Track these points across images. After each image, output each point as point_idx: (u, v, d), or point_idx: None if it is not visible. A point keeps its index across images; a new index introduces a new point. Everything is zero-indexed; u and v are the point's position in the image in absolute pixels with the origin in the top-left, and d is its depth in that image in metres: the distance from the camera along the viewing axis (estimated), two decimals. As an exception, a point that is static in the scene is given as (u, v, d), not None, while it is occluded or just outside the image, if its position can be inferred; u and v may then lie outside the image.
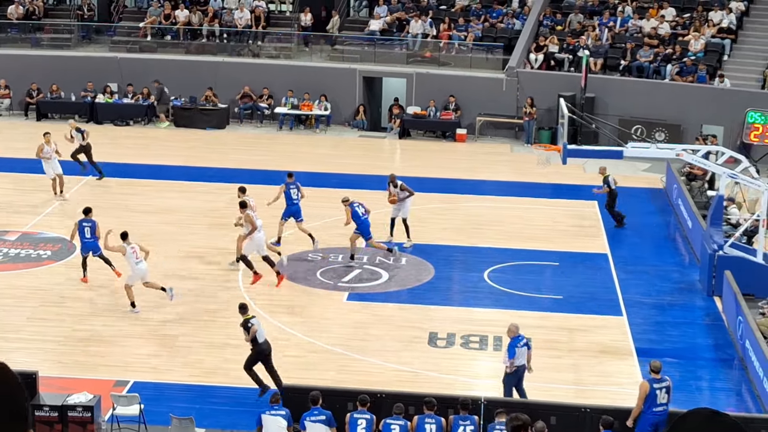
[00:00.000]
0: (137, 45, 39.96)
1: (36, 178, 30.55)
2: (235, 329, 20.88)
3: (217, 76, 37.91)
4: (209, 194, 29.70)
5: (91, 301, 22.37)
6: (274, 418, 15.95)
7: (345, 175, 32.00)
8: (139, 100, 37.76)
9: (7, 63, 38.54)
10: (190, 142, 35.50)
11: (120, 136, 35.98)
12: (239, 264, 23.98)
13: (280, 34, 40.20)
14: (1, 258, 24.56)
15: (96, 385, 17.97)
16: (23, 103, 38.14)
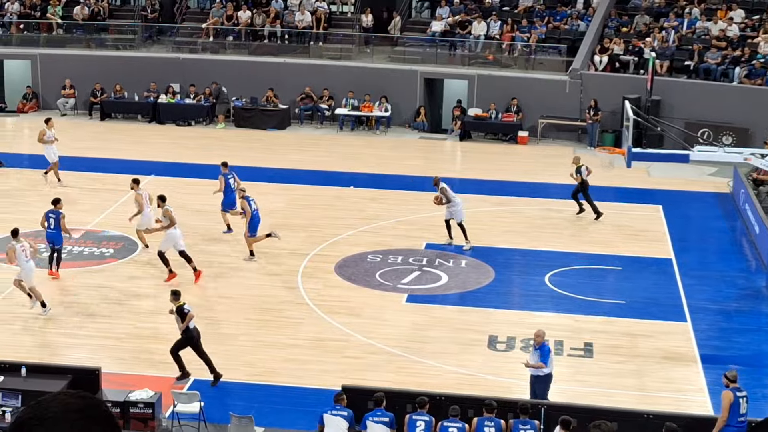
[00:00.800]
0: (199, 46, 40.18)
1: (100, 176, 30.86)
2: (295, 329, 20.95)
3: (278, 77, 37.99)
4: (270, 195, 29.70)
5: (153, 299, 22.46)
6: (335, 418, 15.88)
7: (405, 176, 31.91)
8: (201, 101, 37.94)
9: (72, 63, 38.93)
10: (251, 142, 35.60)
11: (181, 136, 36.18)
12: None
13: (341, 35, 40.21)
14: (65, 255, 24.69)
15: (157, 382, 18.03)
16: (87, 103, 38.52)
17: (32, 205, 27.25)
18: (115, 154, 33.36)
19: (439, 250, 25.74)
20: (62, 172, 30.92)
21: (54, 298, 22.30)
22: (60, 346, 20.18)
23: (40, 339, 20.38)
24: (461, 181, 32.04)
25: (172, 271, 23.44)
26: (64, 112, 38.44)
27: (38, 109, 38.94)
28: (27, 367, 17.71)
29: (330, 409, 16.07)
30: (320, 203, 29.12)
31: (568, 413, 15.69)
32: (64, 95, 38.66)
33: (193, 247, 25.33)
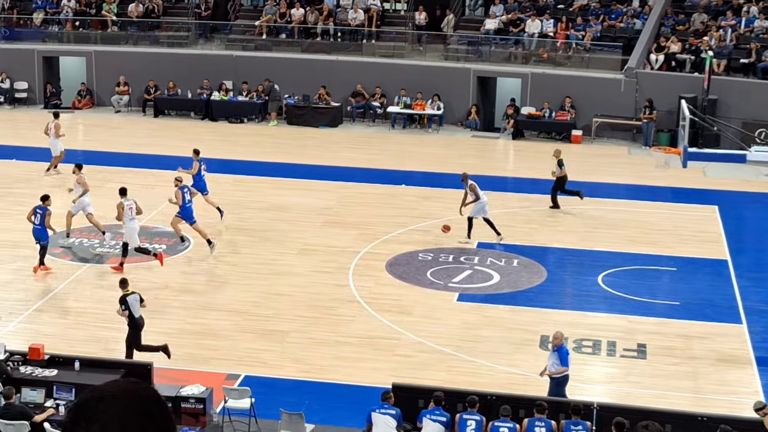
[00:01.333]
0: (252, 43, 40.29)
1: (153, 173, 30.99)
2: (346, 327, 20.91)
3: (331, 75, 38.00)
4: (322, 192, 29.76)
5: (204, 295, 22.52)
6: (384, 416, 15.81)
7: (457, 175, 31.68)
8: (253, 98, 38.04)
9: (126, 60, 39.20)
10: (303, 140, 35.64)
11: (234, 134, 36.30)
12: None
13: (393, 33, 40.13)
14: (117, 251, 24.86)
15: (208, 378, 18.07)
16: (141, 100, 38.75)
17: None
18: (168, 150, 33.51)
19: (491, 248, 25.59)
20: (118, 168, 31.17)
21: (106, 293, 22.42)
22: (112, 340, 20.24)
23: (92, 333, 20.49)
24: (514, 179, 31.90)
25: (155, 254, 23.81)
26: (118, 109, 38.71)
27: (93, 106, 39.27)
28: (80, 361, 17.82)
29: (378, 408, 16.00)
30: (372, 201, 29.08)
31: (620, 414, 15.51)
32: (118, 92, 38.93)
33: (246, 245, 25.41)
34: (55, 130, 30.72)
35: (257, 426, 17.01)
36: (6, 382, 16.74)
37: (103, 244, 25.27)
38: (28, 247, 24.63)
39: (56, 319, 21.18)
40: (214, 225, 26.41)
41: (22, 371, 17.58)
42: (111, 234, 25.27)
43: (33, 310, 21.54)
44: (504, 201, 29.18)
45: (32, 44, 40.11)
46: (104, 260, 24.35)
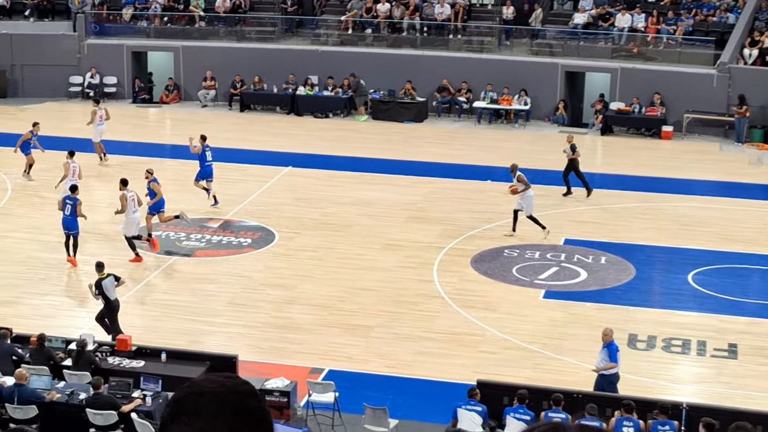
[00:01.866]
0: (338, 38, 40.33)
1: (239, 167, 31.19)
2: (431, 323, 20.78)
3: (416, 70, 37.86)
4: (406, 187, 29.66)
5: (289, 289, 22.55)
6: (469, 413, 15.67)
7: (544, 171, 31.42)
8: (339, 93, 38.07)
9: (213, 55, 39.49)
10: (389, 135, 35.57)
11: (319, 128, 36.36)
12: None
13: (480, 28, 39.86)
14: (204, 244, 25.07)
15: (292, 372, 18.08)
16: (227, 95, 39.02)
17: (173, 193, 27.71)
18: (253, 145, 33.72)
19: (577, 245, 25.26)
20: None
21: (194, 286, 22.61)
22: (198, 332, 20.40)
23: (179, 325, 20.64)
24: (602, 176, 31.47)
25: (138, 254, 23.95)
26: (205, 104, 39.01)
27: (180, 101, 39.62)
28: (167, 353, 17.95)
29: (464, 404, 15.87)
30: (457, 197, 28.91)
31: (709, 415, 15.18)
32: (205, 87, 39.24)
33: (331, 239, 25.41)
34: (91, 117, 31.49)
35: (341, 420, 16.98)
36: (94, 373, 16.93)
37: (189, 237, 25.43)
38: (117, 239, 24.93)
39: (144, 311, 21.39)
40: (289, 219, 26.47)
41: (110, 362, 17.78)
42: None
43: (121, 302, 21.71)
44: (591, 198, 28.79)
45: (121, 40, 40.61)
46: (192, 253, 24.51)
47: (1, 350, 17.58)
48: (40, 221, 26.27)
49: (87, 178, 27.73)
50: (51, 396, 16.24)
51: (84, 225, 24.05)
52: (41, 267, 23.53)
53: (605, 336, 17.56)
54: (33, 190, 28.57)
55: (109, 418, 15.86)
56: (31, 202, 27.77)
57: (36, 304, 21.61)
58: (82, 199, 24.09)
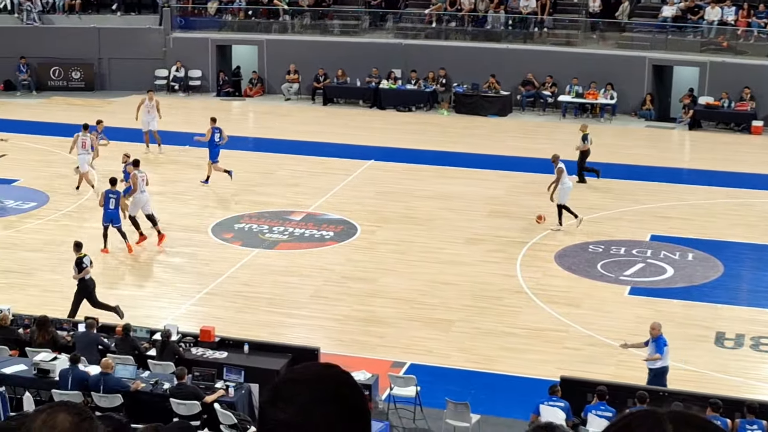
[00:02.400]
0: (422, 31, 40.20)
1: (322, 160, 31.24)
2: (514, 318, 20.60)
3: (501, 63, 37.58)
4: (489, 181, 29.47)
5: (372, 282, 22.51)
6: (552, 409, 15.49)
7: (630, 166, 31.04)
8: (422, 87, 37.95)
9: (297, 49, 39.61)
10: (472, 128, 35.36)
11: (402, 122, 36.27)
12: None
13: (566, 21, 39.44)
14: (287, 237, 25.14)
15: (374, 365, 18.02)
16: (311, 88, 39.12)
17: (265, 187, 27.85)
18: (336, 138, 33.74)
19: (663, 242, 24.85)
20: (286, 155, 31.57)
21: (277, 278, 22.68)
22: (280, 324, 20.46)
23: (261, 317, 20.72)
24: (689, 171, 30.99)
25: (142, 234, 24.20)
26: (288, 97, 39.16)
27: (263, 94, 39.82)
28: (249, 345, 18.02)
29: (546, 400, 15.70)
30: (541, 191, 28.55)
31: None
32: (289, 80, 39.38)
33: (413, 233, 25.33)
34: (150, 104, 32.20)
35: (422, 414, 16.91)
36: (178, 363, 17.05)
37: (272, 230, 25.53)
38: (202, 232, 25.15)
39: (227, 302, 21.49)
40: (371, 212, 26.42)
41: (194, 352, 17.90)
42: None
43: (204, 293, 21.92)
44: (678, 194, 28.35)
45: (206, 33, 40.95)
46: (274, 246, 24.60)
47: (88, 340, 17.81)
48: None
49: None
50: (136, 385, 16.40)
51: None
52: (127, 257, 23.78)
53: (653, 330, 17.39)
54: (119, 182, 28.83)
55: (193, 408, 15.96)
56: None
57: (121, 294, 21.84)
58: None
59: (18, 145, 31.63)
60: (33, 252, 24.19)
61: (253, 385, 16.84)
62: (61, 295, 21.64)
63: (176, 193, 27.75)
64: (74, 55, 39.83)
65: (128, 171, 25.01)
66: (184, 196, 27.55)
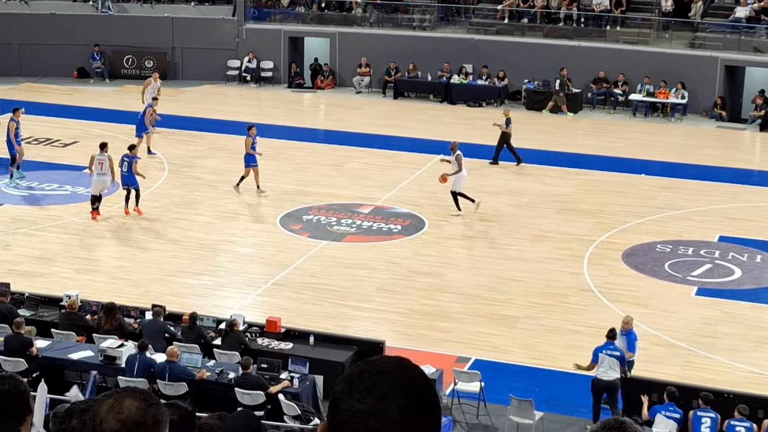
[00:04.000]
0: (494, 27, 40.09)
1: (391, 154, 31.31)
2: (579, 316, 20.52)
3: (572, 61, 37.37)
4: (558, 179, 29.35)
5: (438, 277, 22.55)
6: (667, 420, 15.39)
7: (700, 166, 30.73)
8: (493, 82, 37.86)
9: (369, 42, 39.70)
10: (542, 125, 35.21)
11: (472, 117, 36.20)
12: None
13: (639, 20, 39.10)
14: (354, 230, 25.26)
15: (438, 359, 18.07)
16: (382, 81, 39.21)
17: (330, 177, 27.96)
18: (406, 132, 33.79)
19: (732, 243, 24.60)
20: (356, 148, 31.68)
21: (343, 271, 22.80)
22: (346, 317, 20.58)
23: (328, 309, 20.84)
24: (759, 172, 30.64)
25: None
26: (359, 90, 39.28)
27: (334, 86, 39.98)
28: (315, 336, 18.15)
29: (664, 410, 15.63)
30: (609, 189, 28.48)
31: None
32: (360, 73, 39.50)
33: (480, 229, 25.32)
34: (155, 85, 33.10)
35: (486, 410, 16.94)
36: (244, 353, 17.22)
37: (340, 222, 25.66)
38: (270, 222, 25.36)
39: (293, 293, 21.65)
40: (439, 207, 26.45)
41: (260, 343, 18.05)
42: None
43: (271, 284, 22.11)
44: (748, 195, 28.04)
45: (279, 25, 41.20)
46: (342, 238, 24.73)
47: (154, 327, 18.03)
48: (196, 201, 26.87)
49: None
50: (201, 374, 16.57)
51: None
52: (195, 247, 24.06)
53: (625, 324, 17.42)
54: (189, 170, 29.19)
55: (257, 398, 16.10)
56: (186, 182, 28.39)
57: (189, 283, 22.11)
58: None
59: (90, 132, 32.12)
60: (101, 239, 24.58)
61: (317, 377, 16.95)
62: (128, 282, 21.99)
63: (245, 184, 27.97)
64: (148, 44, 40.31)
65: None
66: (253, 187, 27.76)
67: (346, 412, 2.83)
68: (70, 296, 18.84)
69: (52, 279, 21.88)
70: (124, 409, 3.14)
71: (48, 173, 29.01)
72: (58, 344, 17.71)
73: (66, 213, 26.01)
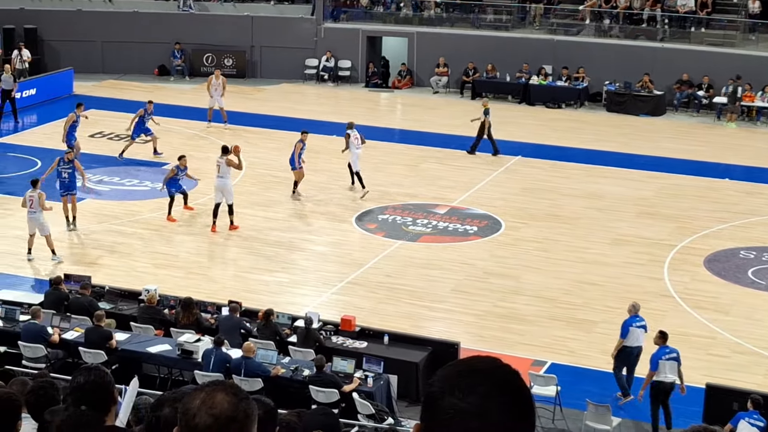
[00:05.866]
0: (574, 28, 39.64)
1: (468, 155, 31.05)
2: (658, 322, 20.06)
3: (655, 62, 36.80)
4: (639, 182, 28.88)
5: (514, 279, 22.29)
6: (750, 428, 15.03)
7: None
8: (573, 84, 37.43)
9: (447, 42, 39.49)
10: (622, 127, 34.69)
11: (551, 119, 35.83)
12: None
13: (725, 21, 38.38)
14: (430, 230, 25.08)
15: (514, 362, 17.08)
16: (459, 82, 38.96)
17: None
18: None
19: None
20: (433, 148, 31.50)
21: (418, 271, 22.64)
22: (420, 317, 20.42)
23: (402, 309, 20.70)
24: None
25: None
26: (436, 90, 39.07)
27: (412, 86, 39.81)
28: (389, 336, 18.02)
29: (747, 416, 15.28)
30: (691, 194, 27.96)
31: None
32: (437, 73, 39.29)
33: (558, 231, 25.00)
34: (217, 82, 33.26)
35: (562, 415, 16.66)
36: (318, 351, 17.14)
37: (416, 222, 25.50)
38: (346, 221, 25.30)
39: (368, 292, 21.54)
40: (516, 209, 26.16)
41: (334, 341, 17.98)
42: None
43: (346, 283, 22.02)
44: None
45: (357, 24, 41.15)
46: (417, 238, 24.56)
47: (231, 323, 18.05)
48: (272, 199, 26.89)
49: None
50: (276, 370, 16.53)
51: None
52: (271, 244, 24.06)
53: (629, 310, 17.75)
54: (266, 169, 29.22)
55: (331, 396, 16.02)
56: (263, 180, 28.43)
57: (265, 280, 22.11)
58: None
59: (171, 129, 32.34)
60: (179, 234, 24.68)
61: (391, 376, 16.83)
62: (205, 278, 22.06)
63: (320, 183, 27.96)
64: (227, 42, 40.50)
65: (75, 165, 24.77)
66: (329, 186, 27.74)
67: (447, 411, 2.84)
68: (149, 290, 18.98)
69: (131, 273, 22.03)
70: (216, 404, 3.18)
71: (128, 169, 29.24)
72: (136, 338, 17.88)
73: (145, 209, 26.18)
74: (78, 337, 17.63)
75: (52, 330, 17.67)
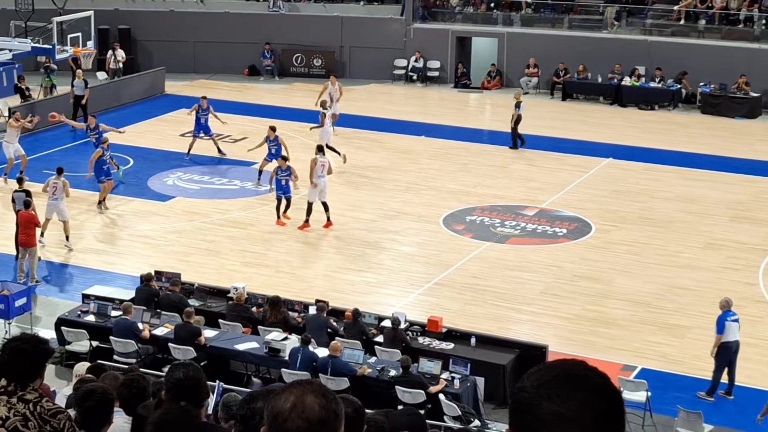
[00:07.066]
0: (669, 28, 39.01)
1: (558, 156, 30.76)
2: (753, 328, 19.67)
3: (751, 64, 36.05)
4: (733, 185, 28.30)
5: (605, 283, 21.95)
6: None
7: None
8: (666, 85, 36.83)
9: (538, 42, 39.16)
10: (717, 130, 34.04)
11: (643, 120, 35.28)
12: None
13: (824, 21, 37.46)
14: (518, 232, 24.85)
15: (603, 367, 16.78)
16: (550, 83, 38.60)
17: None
18: (573, 134, 33.11)
19: None
20: (522, 149, 31.21)
21: (506, 273, 22.43)
22: (508, 319, 20.22)
23: (489, 311, 20.52)
24: None
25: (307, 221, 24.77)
26: (526, 91, 38.72)
27: (501, 87, 39.54)
28: (476, 337, 17.86)
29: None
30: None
31: None
32: (527, 74, 38.97)
33: (650, 235, 24.60)
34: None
35: (652, 421, 16.35)
36: (405, 351, 17.05)
37: (504, 224, 25.29)
38: (433, 222, 25.17)
39: (455, 293, 21.38)
40: (606, 211, 25.78)
41: (420, 342, 17.88)
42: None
43: (433, 284, 21.90)
44: None
45: (447, 25, 41.00)
46: (505, 240, 24.34)
47: (318, 322, 18.05)
48: (360, 199, 26.87)
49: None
50: (362, 370, 16.49)
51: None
52: (358, 244, 24.03)
53: (720, 306, 17.66)
54: (354, 169, 29.20)
55: (417, 396, 15.92)
56: (351, 180, 28.42)
57: (351, 279, 22.08)
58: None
59: (260, 129, 32.50)
60: (268, 233, 24.76)
61: (478, 378, 16.68)
62: (293, 277, 22.10)
63: (409, 182, 27.87)
64: (317, 42, 40.64)
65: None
66: (417, 186, 27.64)
67: (547, 416, 2.82)
68: (237, 288, 19.09)
69: (220, 271, 22.17)
70: (307, 408, 3.19)
71: (218, 168, 29.48)
72: (224, 335, 17.98)
73: (234, 207, 26.34)
74: (168, 333, 17.79)
75: (142, 326, 17.86)
